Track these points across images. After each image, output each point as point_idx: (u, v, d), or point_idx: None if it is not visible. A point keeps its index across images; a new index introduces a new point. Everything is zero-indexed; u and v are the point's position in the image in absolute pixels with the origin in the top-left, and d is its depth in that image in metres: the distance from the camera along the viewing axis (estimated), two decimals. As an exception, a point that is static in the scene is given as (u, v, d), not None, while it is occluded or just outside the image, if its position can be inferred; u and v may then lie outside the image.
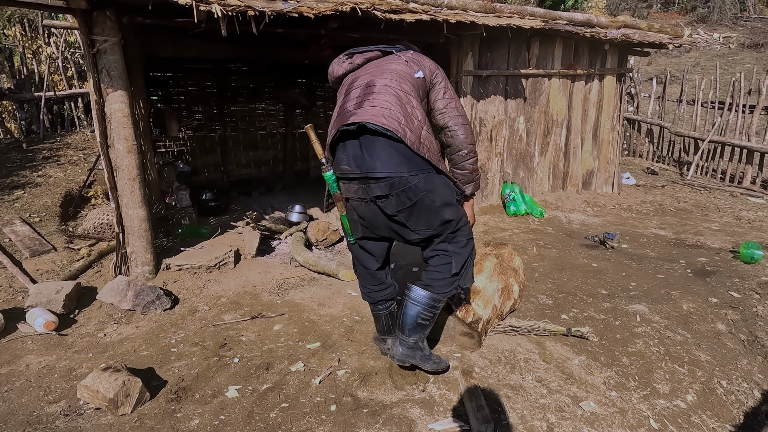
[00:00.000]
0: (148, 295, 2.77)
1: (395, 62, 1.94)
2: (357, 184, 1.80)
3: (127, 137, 2.98)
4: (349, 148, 1.80)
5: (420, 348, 1.95)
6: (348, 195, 1.86)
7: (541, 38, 4.53)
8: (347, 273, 3.21)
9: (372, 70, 1.94)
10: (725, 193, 5.73)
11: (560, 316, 2.61)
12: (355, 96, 1.85)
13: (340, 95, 1.99)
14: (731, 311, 2.67)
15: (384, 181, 1.73)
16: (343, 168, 1.81)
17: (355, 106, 1.81)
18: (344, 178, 1.84)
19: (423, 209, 1.79)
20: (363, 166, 1.75)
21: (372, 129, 1.73)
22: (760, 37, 14.41)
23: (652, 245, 3.83)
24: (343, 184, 1.87)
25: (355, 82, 1.93)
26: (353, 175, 1.78)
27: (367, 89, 1.84)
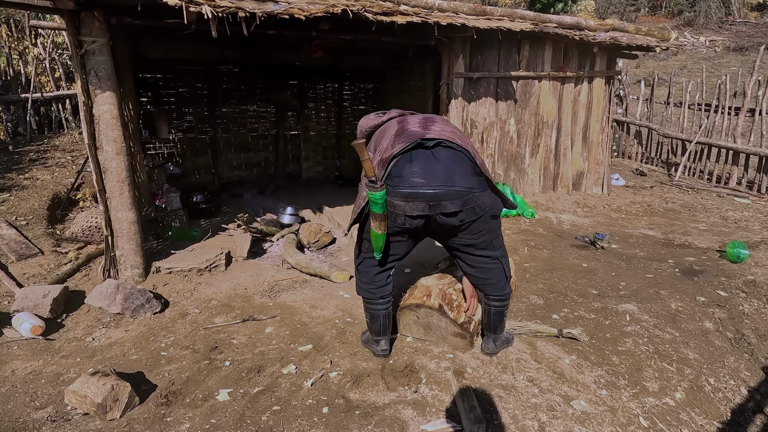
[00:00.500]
0: (138, 299, 2.73)
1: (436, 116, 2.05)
2: (423, 202, 1.76)
3: (115, 139, 2.95)
4: (418, 162, 1.76)
5: (505, 338, 2.26)
6: (407, 212, 1.79)
7: (531, 41, 4.58)
8: (339, 275, 3.21)
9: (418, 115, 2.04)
10: (712, 193, 5.82)
11: (551, 316, 2.63)
12: (417, 122, 1.92)
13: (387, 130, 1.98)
14: (718, 310, 2.71)
15: (460, 197, 1.76)
16: (415, 181, 1.74)
17: (421, 128, 1.86)
18: (408, 193, 1.75)
19: (481, 223, 1.88)
20: (438, 180, 1.74)
21: (448, 145, 1.79)
22: (744, 40, 14.69)
23: (641, 245, 3.88)
24: (402, 201, 1.77)
25: (406, 119, 1.99)
26: (423, 191, 1.74)
27: (426, 119, 1.96)
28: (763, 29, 15.65)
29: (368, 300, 2.18)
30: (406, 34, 3.96)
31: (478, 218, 1.84)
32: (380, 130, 2.06)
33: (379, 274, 2.14)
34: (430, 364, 2.15)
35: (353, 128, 7.79)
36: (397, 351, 2.28)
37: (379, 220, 1.83)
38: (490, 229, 1.94)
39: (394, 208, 1.81)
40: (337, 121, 7.60)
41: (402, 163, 1.78)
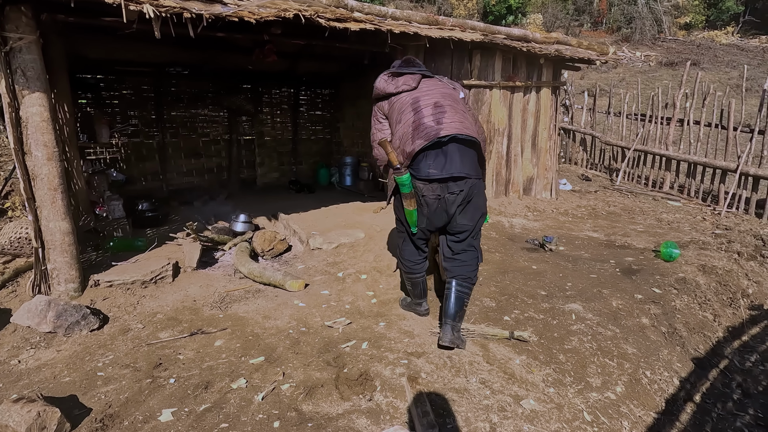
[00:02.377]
0: (72, 315, 2.54)
1: (444, 87, 2.42)
2: (437, 184, 2.21)
3: (46, 143, 2.73)
4: (431, 157, 2.20)
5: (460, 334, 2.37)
6: (425, 193, 2.24)
7: (482, 51, 4.73)
8: (294, 283, 3.14)
9: (430, 92, 2.35)
10: (648, 197, 6.26)
11: (503, 318, 2.70)
12: (429, 113, 2.25)
13: (403, 112, 2.33)
14: (654, 306, 2.90)
15: (463, 180, 2.21)
16: (431, 172, 2.19)
17: (434, 122, 2.22)
18: (427, 179, 2.21)
19: (473, 205, 2.29)
20: (448, 168, 2.18)
21: (461, 138, 2.21)
22: (674, 56, 16.00)
23: (586, 247, 4.09)
24: (422, 184, 2.23)
25: (419, 102, 2.31)
26: (436, 177, 2.19)
27: (436, 108, 2.27)
28: (690, 46, 17.13)
29: (410, 271, 2.54)
30: (361, 41, 3.97)
31: (472, 199, 2.27)
32: (395, 105, 2.39)
33: (417, 249, 2.51)
34: (384, 371, 2.15)
35: (310, 133, 7.70)
36: (353, 359, 2.26)
37: (408, 198, 2.27)
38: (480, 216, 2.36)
39: (417, 190, 2.26)
40: (293, 127, 7.48)
41: (420, 157, 2.21)
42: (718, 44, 17.14)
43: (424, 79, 2.43)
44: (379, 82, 2.48)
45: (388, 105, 2.43)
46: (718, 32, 18.28)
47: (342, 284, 3.25)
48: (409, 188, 2.23)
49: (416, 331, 2.53)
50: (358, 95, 6.87)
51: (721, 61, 15.45)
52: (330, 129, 7.88)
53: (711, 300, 3.08)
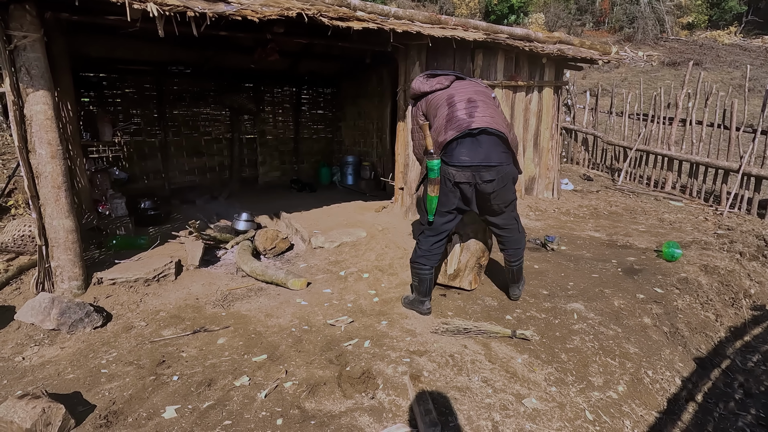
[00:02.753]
0: (76, 313, 2.55)
1: (477, 86, 2.64)
2: (469, 171, 2.38)
3: (50, 141, 2.74)
4: (466, 144, 2.37)
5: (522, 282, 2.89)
6: (457, 179, 2.41)
7: (485, 50, 4.73)
8: (296, 282, 3.15)
9: (463, 89, 2.56)
10: (650, 197, 6.25)
11: (505, 316, 2.71)
12: (462, 107, 2.45)
13: (438, 107, 2.54)
14: (656, 306, 2.90)
15: (495, 168, 2.39)
16: (463, 158, 2.37)
17: (467, 115, 2.41)
18: (459, 166, 2.38)
19: (506, 189, 2.48)
20: (480, 157, 2.37)
21: (490, 131, 2.39)
22: (677, 56, 15.96)
23: (588, 246, 4.09)
24: (455, 170, 2.39)
25: (454, 98, 2.51)
26: (469, 164, 2.37)
27: (470, 103, 2.47)
28: (692, 46, 17.09)
29: (420, 265, 2.63)
30: (363, 40, 3.98)
31: (505, 185, 2.46)
32: (432, 101, 2.59)
33: (434, 245, 2.62)
34: (387, 370, 2.15)
35: (311, 132, 7.71)
36: (355, 357, 2.27)
37: (433, 184, 2.43)
38: (513, 196, 2.57)
39: (447, 175, 2.41)
40: (294, 126, 7.49)
41: (453, 145, 2.39)
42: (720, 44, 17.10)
43: (458, 80, 2.66)
44: (415, 83, 2.72)
45: (425, 103, 2.65)
46: (720, 32, 18.23)
47: (344, 283, 3.25)
48: (437, 174, 2.41)
49: (418, 330, 2.54)
50: (360, 94, 6.88)
51: (724, 61, 15.41)
52: (331, 128, 7.89)
53: (713, 300, 3.08)
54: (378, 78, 6.30)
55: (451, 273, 3.00)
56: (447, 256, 2.97)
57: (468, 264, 2.95)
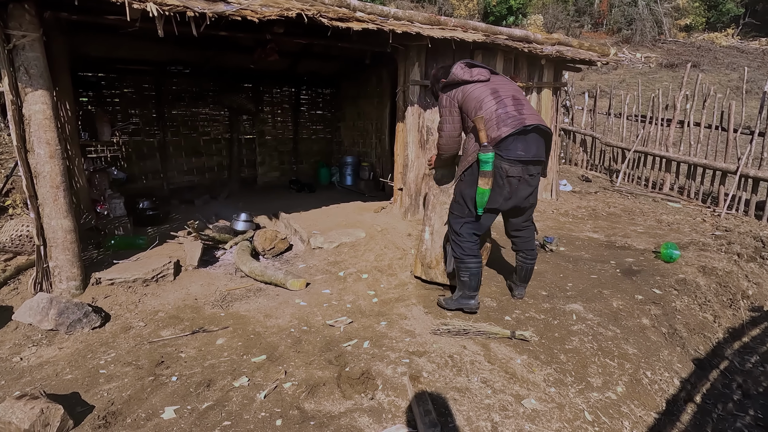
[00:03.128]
0: (74, 313, 2.54)
1: (513, 84, 2.68)
2: (521, 165, 2.44)
3: (49, 141, 2.73)
4: (521, 141, 2.43)
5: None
6: (511, 174, 2.44)
7: (484, 51, 4.74)
8: (295, 282, 3.14)
9: (504, 86, 2.60)
10: (648, 198, 6.27)
11: (504, 317, 2.71)
12: (511, 104, 2.50)
13: (482, 100, 2.52)
14: (654, 307, 2.90)
15: (539, 164, 2.53)
16: (519, 153, 2.42)
17: (517, 112, 2.47)
18: (514, 160, 2.42)
19: (537, 187, 2.61)
20: (532, 152, 2.46)
21: (542, 129, 2.49)
22: (674, 57, 16.02)
23: (587, 247, 4.09)
24: (509, 165, 2.43)
25: (499, 93, 2.54)
26: (523, 159, 2.43)
27: (515, 101, 2.53)
28: (690, 48, 17.16)
29: (468, 260, 2.61)
30: (363, 40, 3.98)
31: (539, 181, 2.60)
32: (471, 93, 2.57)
33: (476, 242, 2.64)
34: (386, 370, 2.15)
35: (310, 133, 7.71)
36: (354, 358, 2.26)
37: (487, 177, 2.40)
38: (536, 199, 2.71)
39: (500, 170, 2.44)
40: (294, 126, 7.49)
41: (509, 141, 2.42)
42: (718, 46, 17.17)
43: (494, 75, 2.67)
44: (456, 69, 2.64)
45: (462, 93, 2.61)
46: (718, 34, 18.31)
47: (343, 283, 3.25)
48: (491, 166, 2.39)
49: (417, 331, 2.54)
50: (359, 95, 6.88)
51: (721, 63, 15.47)
52: (331, 128, 7.89)
53: (711, 301, 3.09)
54: (377, 78, 6.30)
55: (450, 272, 3.00)
56: (446, 256, 2.98)
57: None
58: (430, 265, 3.08)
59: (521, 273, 2.85)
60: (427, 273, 3.10)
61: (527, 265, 2.81)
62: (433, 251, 3.04)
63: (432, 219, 3.00)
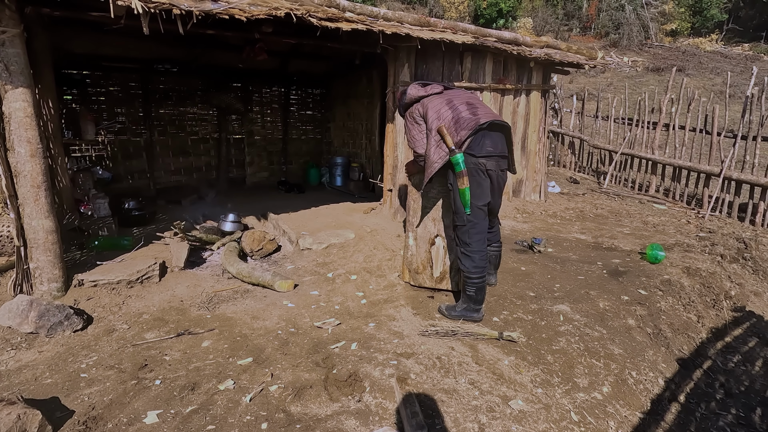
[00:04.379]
0: (55, 315, 2.48)
1: (467, 92, 2.92)
2: (495, 159, 2.60)
3: (30, 139, 2.67)
4: (487, 137, 2.57)
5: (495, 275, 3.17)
6: (490, 167, 2.59)
7: (473, 53, 4.76)
8: (283, 283, 3.12)
9: (458, 95, 2.81)
10: (635, 200, 6.35)
11: (492, 318, 2.72)
12: (465, 109, 2.66)
13: (438, 110, 2.70)
14: (639, 307, 2.94)
15: (505, 158, 2.67)
16: (488, 149, 2.56)
17: (471, 114, 2.61)
18: (488, 156, 2.56)
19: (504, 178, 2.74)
20: (499, 148, 2.61)
21: (499, 123, 2.61)
22: (660, 62, 16.28)
23: (574, 249, 4.13)
24: (486, 160, 2.56)
25: (453, 102, 2.72)
26: (494, 154, 2.58)
27: (469, 105, 2.69)
28: (675, 53, 17.45)
29: (475, 274, 2.62)
30: (353, 41, 3.97)
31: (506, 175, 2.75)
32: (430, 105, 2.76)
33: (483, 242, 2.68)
34: (374, 372, 2.14)
35: (300, 133, 7.67)
36: (342, 360, 2.25)
37: (462, 177, 2.51)
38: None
39: (479, 166, 2.56)
40: (283, 126, 7.44)
41: (477, 139, 2.55)
42: (702, 51, 17.49)
43: (447, 89, 2.90)
44: (411, 90, 2.88)
45: (422, 106, 2.81)
46: (702, 39, 18.66)
47: (332, 285, 3.23)
48: (462, 166, 2.51)
49: (406, 332, 2.53)
50: (349, 95, 6.87)
51: (706, 67, 15.77)
52: (320, 129, 7.86)
53: (695, 301, 3.13)
54: (368, 79, 6.30)
55: (438, 276, 3.01)
56: (432, 260, 2.99)
57: (453, 266, 2.97)
58: (417, 271, 3.07)
59: (494, 261, 3.07)
60: (415, 279, 3.09)
61: (496, 252, 3.05)
62: (419, 256, 3.04)
63: (414, 224, 3.00)
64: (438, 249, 2.99)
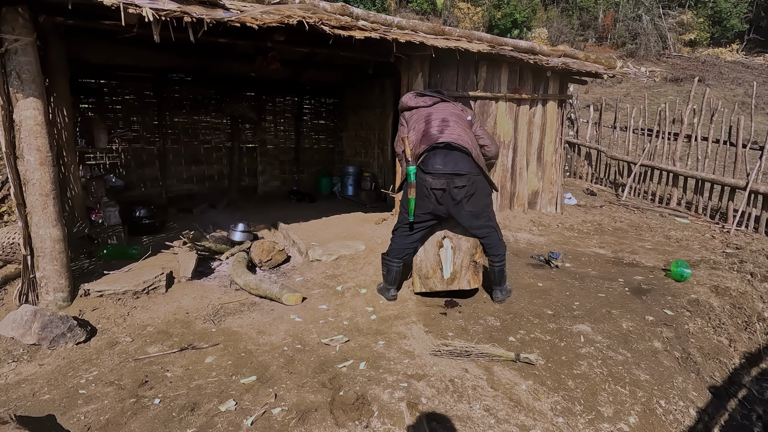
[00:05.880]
0: (58, 327, 2.43)
1: (454, 108, 3.05)
2: (443, 178, 2.70)
3: (40, 148, 2.65)
4: (439, 156, 2.73)
5: (507, 288, 3.09)
6: (432, 185, 2.71)
7: (489, 62, 4.67)
8: (291, 297, 3.03)
9: (441, 110, 2.98)
10: (655, 213, 6.14)
11: (508, 338, 2.58)
12: (436, 125, 2.86)
13: (417, 122, 2.95)
14: (666, 329, 2.77)
15: (465, 176, 2.72)
16: (437, 167, 2.70)
17: (438, 132, 2.82)
18: (434, 173, 2.70)
19: (477, 195, 2.79)
20: (450, 167, 2.70)
21: (455, 146, 2.75)
22: (679, 72, 15.98)
23: (593, 264, 3.96)
24: (431, 178, 2.71)
25: (431, 116, 2.93)
26: (442, 172, 2.69)
27: (443, 122, 2.88)
28: (695, 63, 17.13)
29: (391, 259, 2.99)
30: (366, 49, 3.92)
31: (475, 192, 2.76)
32: (414, 116, 3.02)
33: (408, 243, 2.94)
34: (383, 395, 2.02)
35: (312, 142, 7.65)
36: (349, 380, 2.14)
37: (411, 188, 2.73)
38: (486, 203, 2.88)
39: (425, 182, 2.72)
40: (296, 135, 7.43)
41: (429, 156, 2.75)
42: (722, 61, 17.14)
43: (441, 103, 3.06)
44: (405, 97, 3.15)
45: (409, 115, 3.08)
46: (723, 49, 18.30)
47: (341, 299, 3.13)
48: (413, 178, 2.72)
49: (417, 351, 2.41)
50: (362, 104, 6.83)
51: (726, 78, 15.42)
52: (333, 138, 7.83)
53: (725, 323, 2.95)
54: (380, 88, 6.25)
55: (448, 277, 2.95)
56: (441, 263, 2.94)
57: (463, 264, 2.95)
58: (427, 275, 2.98)
59: (491, 275, 3.03)
60: (426, 284, 2.99)
61: (494, 267, 2.98)
62: (428, 261, 2.98)
63: None
64: (446, 250, 2.97)
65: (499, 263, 2.96)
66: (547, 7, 20.89)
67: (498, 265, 2.96)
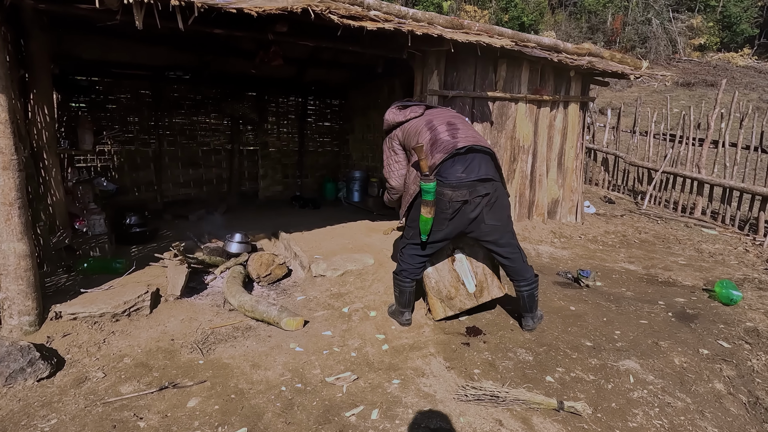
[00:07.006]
0: (16, 360, 2.07)
1: (450, 111, 2.74)
2: (465, 188, 2.36)
3: (2, 150, 2.30)
4: (459, 163, 2.38)
5: (538, 315, 2.70)
6: (452, 198, 2.36)
7: (509, 60, 4.32)
8: (291, 321, 2.66)
9: (439, 115, 2.62)
10: (680, 223, 5.75)
11: (544, 377, 2.20)
12: (444, 130, 2.49)
13: (418, 134, 2.54)
14: (726, 366, 2.38)
15: (489, 182, 2.40)
16: (459, 175, 2.36)
17: (450, 137, 2.44)
18: (454, 184, 2.35)
19: (498, 205, 2.46)
20: (474, 174, 2.37)
21: (478, 149, 2.42)
22: (690, 76, 15.63)
23: (626, 282, 3.59)
24: (450, 190, 2.35)
25: (433, 123, 2.55)
26: (465, 181, 2.36)
27: (450, 126, 2.52)
28: (706, 67, 16.77)
29: (402, 277, 2.60)
30: (376, 44, 3.57)
31: (497, 200, 2.43)
32: (409, 129, 2.62)
33: (420, 264, 2.60)
34: (402, 456, 1.65)
35: (317, 145, 7.31)
36: (360, 434, 1.77)
37: (429, 206, 2.35)
38: (508, 215, 2.53)
39: (443, 197, 2.37)
40: (299, 138, 7.09)
41: (447, 165, 2.38)
42: (734, 66, 16.78)
43: (430, 109, 2.71)
44: (388, 114, 2.75)
45: (402, 132, 2.67)
46: (734, 54, 17.93)
47: (347, 323, 2.76)
48: (433, 196, 2.33)
49: (438, 395, 2.04)
50: (370, 106, 6.48)
51: (739, 82, 15.06)
52: (338, 141, 7.48)
53: (790, 358, 2.56)
54: (390, 88, 5.90)
55: (474, 290, 2.65)
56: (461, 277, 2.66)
57: (485, 272, 2.73)
58: (450, 296, 2.63)
59: (521, 302, 2.65)
60: (451, 305, 2.64)
61: (522, 292, 2.60)
62: (444, 280, 2.67)
63: None
64: (461, 262, 2.69)
65: (528, 287, 2.56)
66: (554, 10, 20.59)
67: (527, 290, 2.57)
